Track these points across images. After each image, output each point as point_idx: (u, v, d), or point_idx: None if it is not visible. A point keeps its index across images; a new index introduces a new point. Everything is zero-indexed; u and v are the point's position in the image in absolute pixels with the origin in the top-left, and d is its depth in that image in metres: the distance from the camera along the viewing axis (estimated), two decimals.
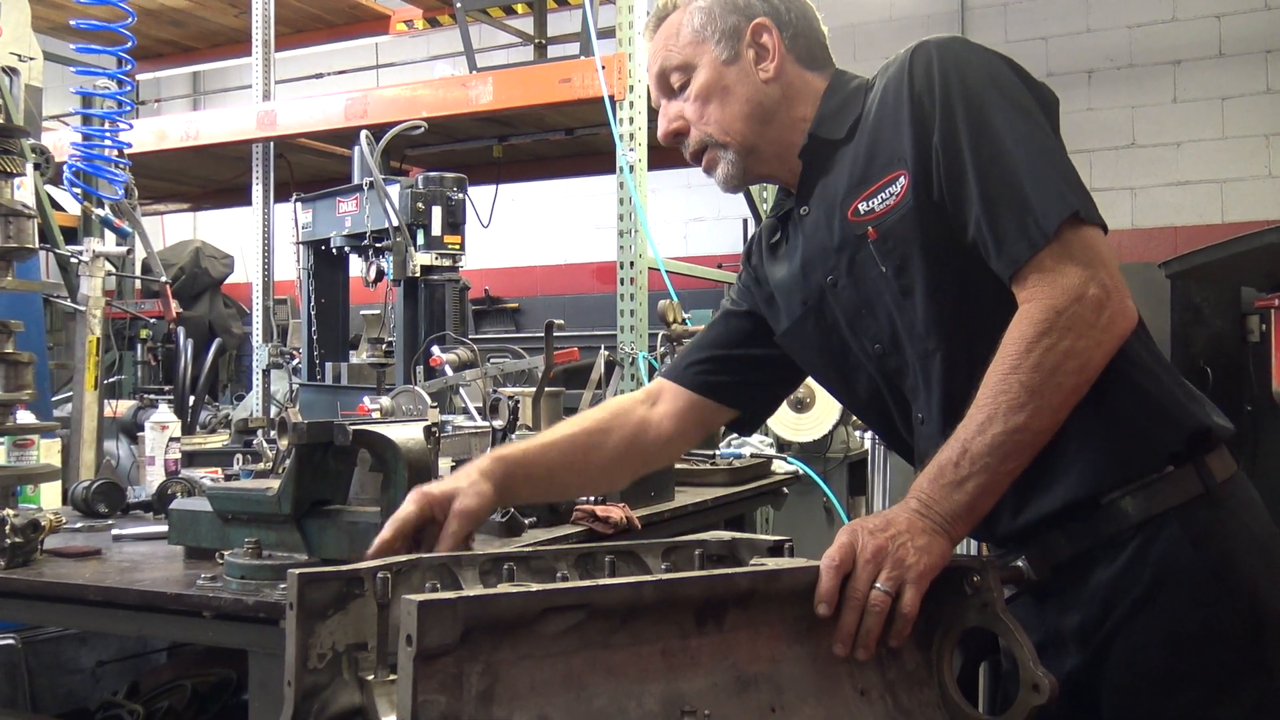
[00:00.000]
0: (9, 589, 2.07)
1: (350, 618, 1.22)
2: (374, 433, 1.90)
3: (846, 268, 1.64)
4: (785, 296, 1.79)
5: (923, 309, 1.56)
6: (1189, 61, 7.66)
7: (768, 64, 1.70)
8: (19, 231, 2.51)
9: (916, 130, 1.53)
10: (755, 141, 1.71)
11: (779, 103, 1.71)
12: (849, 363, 1.72)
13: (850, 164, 1.63)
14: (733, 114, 1.70)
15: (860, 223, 1.60)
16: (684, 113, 1.74)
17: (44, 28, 5.74)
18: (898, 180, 1.55)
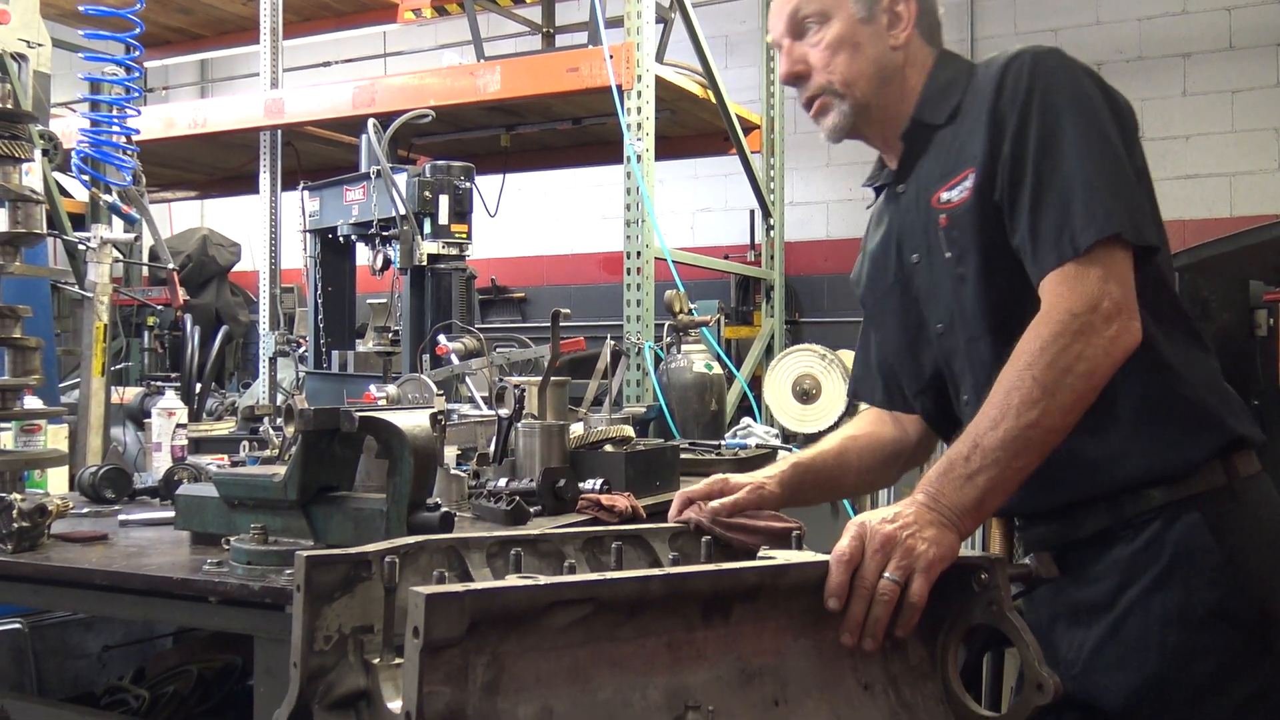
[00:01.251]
0: (16, 573, 2.08)
1: (357, 601, 1.22)
2: (380, 420, 1.90)
3: (926, 249, 1.75)
4: (874, 266, 1.89)
5: (972, 298, 1.66)
6: (1199, 54, 7.63)
7: (898, 32, 1.77)
8: (27, 217, 2.52)
9: (991, 134, 1.62)
10: (871, 100, 1.78)
11: (898, 70, 1.78)
12: (921, 338, 1.81)
13: (945, 151, 1.73)
14: (858, 70, 1.76)
15: (938, 209, 1.71)
16: (809, 57, 1.78)
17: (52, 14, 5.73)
18: (969, 177, 1.65)
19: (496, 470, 2.79)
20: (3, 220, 2.50)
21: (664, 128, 5.91)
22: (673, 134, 6.74)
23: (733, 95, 6.31)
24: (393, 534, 1.86)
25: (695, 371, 4.45)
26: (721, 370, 4.65)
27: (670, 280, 5.02)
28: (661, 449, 3.06)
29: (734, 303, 8.12)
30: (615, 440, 2.95)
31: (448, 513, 1.95)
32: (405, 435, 1.87)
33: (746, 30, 8.27)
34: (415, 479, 1.89)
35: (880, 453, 1.96)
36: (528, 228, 9.55)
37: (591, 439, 2.92)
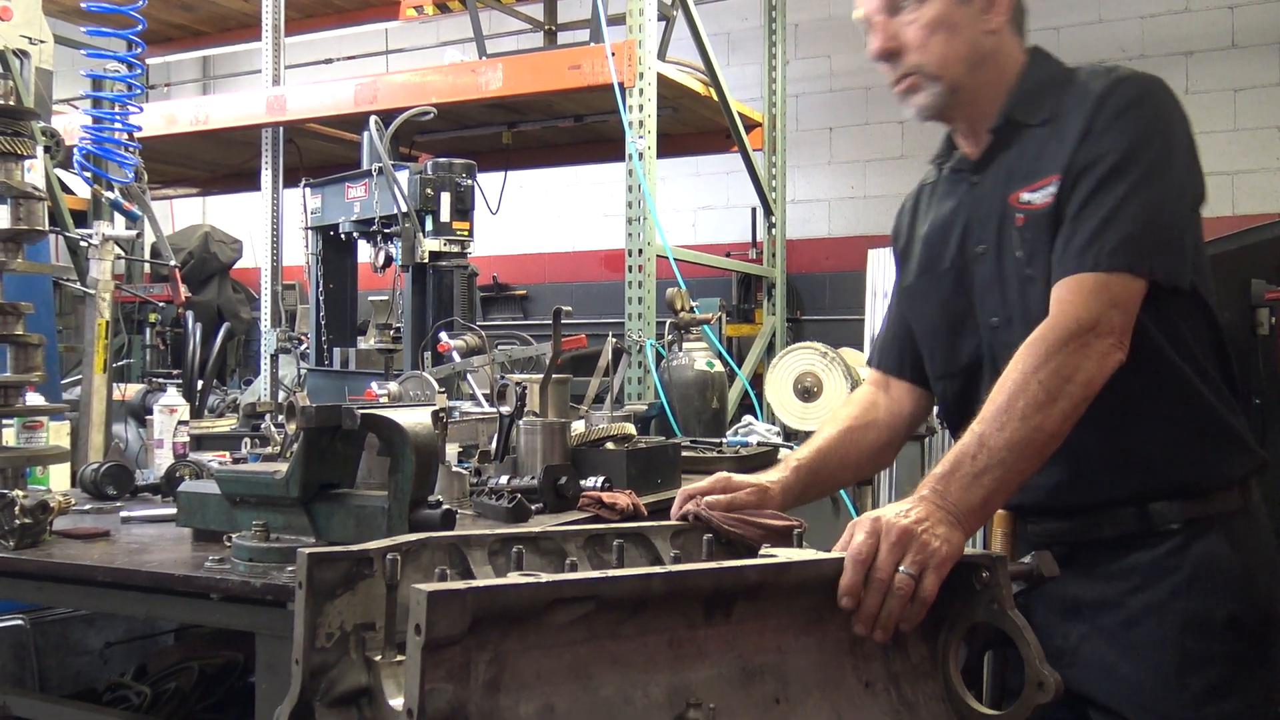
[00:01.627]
0: (18, 570, 2.08)
1: (359, 598, 1.23)
2: (382, 417, 1.91)
3: (995, 244, 1.78)
4: (929, 247, 1.91)
5: (1038, 299, 1.66)
6: (1201, 52, 7.62)
7: (993, 17, 1.78)
8: (29, 214, 2.52)
9: (1080, 147, 1.67)
10: (962, 84, 1.79)
11: (990, 55, 1.79)
12: (964, 327, 1.84)
13: (1031, 152, 1.76)
14: (954, 52, 1.77)
15: (1016, 208, 1.74)
16: (902, 35, 1.78)
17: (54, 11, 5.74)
18: (1053, 183, 1.69)
19: (498, 468, 2.79)
20: (5, 217, 2.51)
21: (666, 125, 5.90)
22: (674, 131, 6.74)
23: (735, 93, 6.30)
24: (394, 531, 1.86)
25: (696, 369, 4.45)
26: (723, 368, 4.65)
27: (672, 278, 5.02)
28: (663, 447, 3.06)
29: (735, 300, 8.12)
30: (617, 438, 2.95)
31: (449, 510, 1.95)
32: (407, 433, 1.87)
33: (748, 27, 8.26)
34: (417, 476, 1.90)
35: (877, 440, 1.99)
36: (529, 225, 9.55)
37: (593, 437, 2.92)
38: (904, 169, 8.20)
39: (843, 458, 1.95)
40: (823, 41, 8.39)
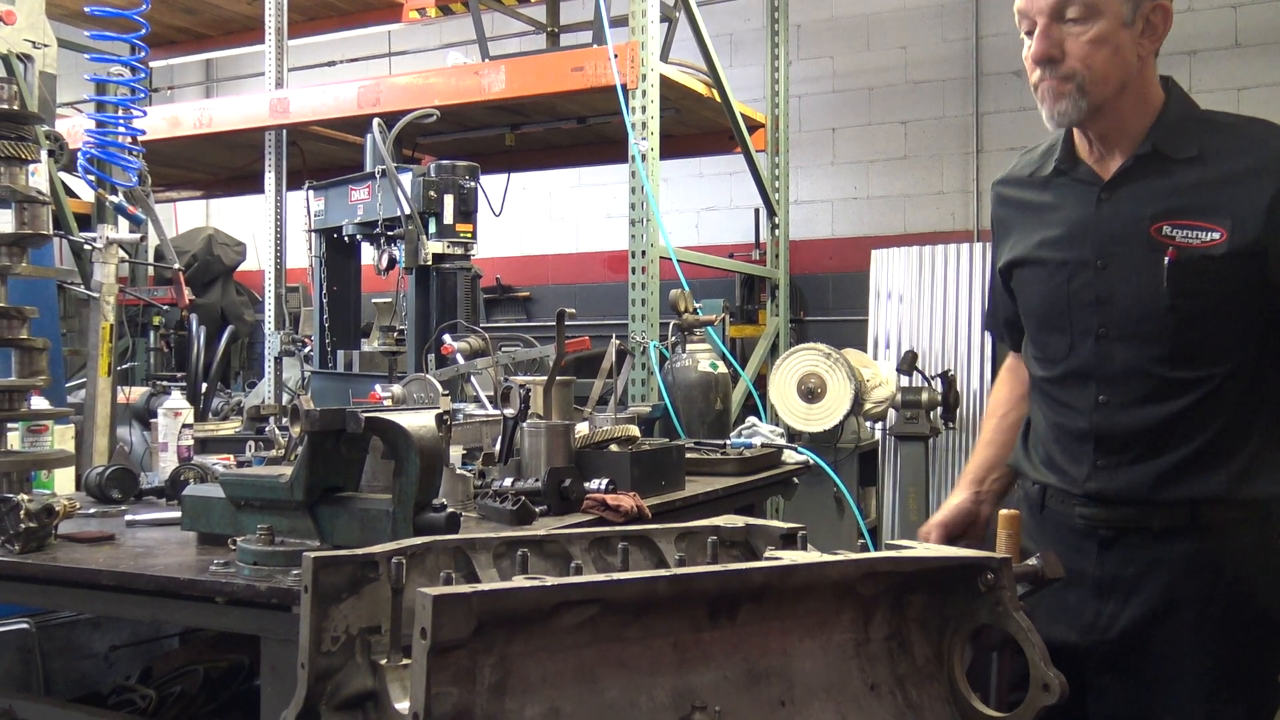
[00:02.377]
0: (23, 574, 2.09)
1: (364, 602, 1.23)
2: (386, 420, 1.91)
3: (1124, 263, 1.88)
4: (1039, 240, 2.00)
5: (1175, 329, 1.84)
6: (1204, 51, 7.61)
7: (1148, 43, 1.87)
8: (33, 218, 2.52)
9: (1273, 218, 1.78)
10: (1108, 102, 1.87)
11: (1137, 78, 1.88)
12: (1056, 319, 1.98)
13: (1176, 187, 1.86)
14: (1112, 71, 1.85)
15: (1163, 241, 1.84)
16: (1066, 44, 1.85)
17: (58, 14, 5.75)
18: (1214, 231, 1.81)
19: (502, 470, 2.79)
20: (9, 221, 2.50)
21: (669, 126, 5.90)
22: (677, 133, 6.73)
23: (737, 94, 6.30)
24: (399, 535, 1.86)
25: (700, 371, 4.44)
26: (726, 369, 4.64)
27: (675, 279, 5.01)
28: (667, 449, 3.06)
29: (739, 302, 8.11)
30: (620, 440, 2.95)
31: (454, 513, 1.95)
32: (411, 436, 1.87)
33: (751, 29, 8.26)
34: (421, 479, 1.90)
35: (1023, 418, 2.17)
36: (533, 227, 9.55)
37: (597, 439, 2.92)
38: (906, 169, 8.20)
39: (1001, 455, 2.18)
40: (825, 42, 8.39)
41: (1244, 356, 1.86)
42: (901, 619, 1.35)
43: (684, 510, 2.92)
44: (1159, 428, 1.88)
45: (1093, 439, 1.93)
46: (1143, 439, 1.89)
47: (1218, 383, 1.86)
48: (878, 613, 1.34)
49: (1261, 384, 1.88)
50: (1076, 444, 1.96)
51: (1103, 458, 1.93)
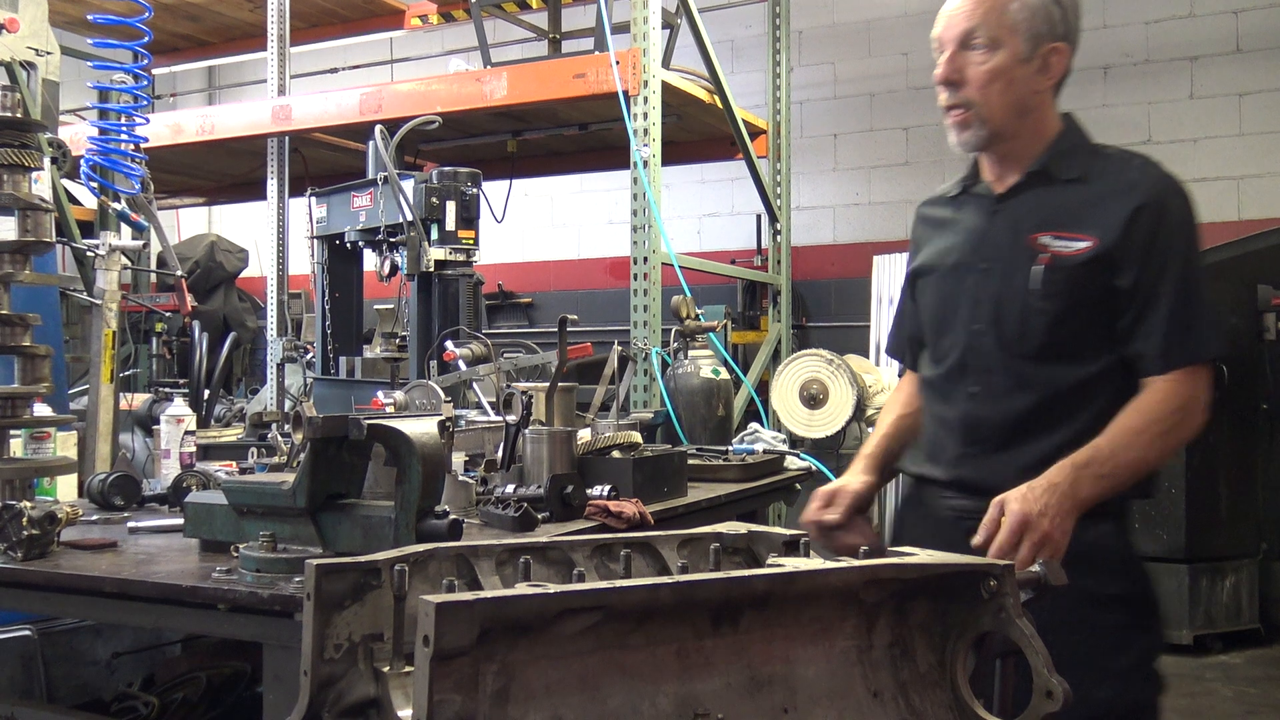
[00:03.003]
0: (26, 581, 2.09)
1: (367, 609, 1.22)
2: (389, 427, 1.91)
3: (1002, 268, 2.07)
4: (938, 250, 2.21)
5: (1042, 329, 2.02)
6: (1206, 57, 7.62)
7: (1044, 81, 2.07)
8: (36, 225, 2.53)
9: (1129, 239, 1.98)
10: (1004, 131, 2.07)
11: (1031, 113, 2.08)
12: (952, 321, 2.15)
13: (1058, 203, 2.05)
14: (1006, 102, 2.04)
15: (1036, 249, 2.03)
16: (967, 71, 2.05)
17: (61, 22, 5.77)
18: (1084, 241, 2.00)
19: (504, 476, 2.79)
20: (12, 228, 2.51)
21: (670, 133, 5.91)
22: (679, 139, 6.75)
23: (739, 100, 6.31)
24: (401, 541, 1.86)
25: (702, 377, 4.44)
26: (729, 375, 4.65)
27: (677, 285, 5.02)
28: (669, 455, 3.06)
29: (741, 308, 8.12)
30: (622, 446, 2.95)
31: (456, 520, 1.95)
32: (414, 443, 1.88)
33: (752, 35, 8.28)
34: (424, 486, 1.90)
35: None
36: (535, 233, 9.56)
37: (599, 445, 2.92)
38: (908, 175, 8.20)
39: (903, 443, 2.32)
40: (827, 48, 8.40)
41: (1107, 358, 2.01)
42: (904, 626, 1.35)
43: (686, 517, 2.92)
44: (1022, 420, 2.04)
45: (961, 428, 2.10)
46: (1006, 430, 2.05)
47: (1080, 381, 2.02)
48: (880, 619, 1.33)
49: (1123, 384, 2.01)
50: (948, 433, 2.14)
51: (969, 446, 2.10)
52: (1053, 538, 1.82)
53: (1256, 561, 6.02)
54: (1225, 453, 5.94)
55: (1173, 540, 5.81)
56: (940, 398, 2.17)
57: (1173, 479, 5.82)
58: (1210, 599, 5.84)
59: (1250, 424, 6.10)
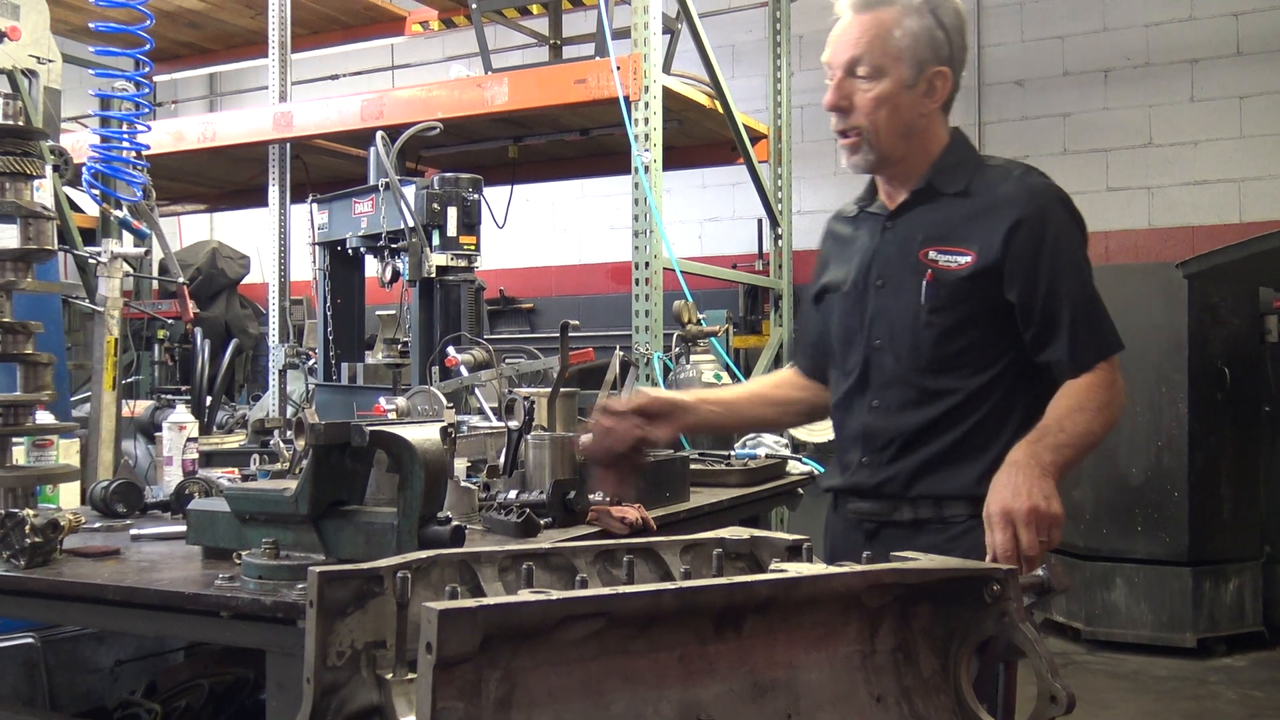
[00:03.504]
0: (29, 588, 2.09)
1: (369, 616, 1.22)
2: (390, 434, 1.91)
3: (896, 283, 2.15)
4: (841, 268, 2.28)
5: (931, 342, 2.10)
6: (1206, 60, 7.61)
7: (930, 104, 2.14)
8: (38, 233, 2.53)
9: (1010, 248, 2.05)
10: (892, 154, 2.15)
11: (919, 134, 2.15)
12: (855, 338, 2.23)
13: (943, 218, 2.13)
14: (892, 127, 2.11)
15: (924, 263, 2.11)
16: (854, 97, 2.12)
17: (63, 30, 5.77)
18: (966, 256, 2.08)
19: (506, 482, 2.79)
20: (14, 236, 2.51)
21: (671, 138, 5.91)
22: (680, 144, 6.75)
23: (740, 105, 6.31)
24: (404, 548, 1.86)
25: (704, 381, 4.44)
26: (730, 380, 4.64)
27: (678, 290, 5.02)
28: (671, 460, 3.06)
29: (742, 312, 8.11)
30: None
31: (459, 526, 1.95)
32: (416, 449, 1.87)
33: (753, 40, 8.28)
34: (426, 493, 1.90)
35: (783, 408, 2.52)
36: (536, 238, 9.56)
37: None
38: None
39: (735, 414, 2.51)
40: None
41: (994, 370, 2.10)
42: (907, 630, 1.35)
43: (689, 521, 2.92)
44: (915, 430, 2.12)
45: (862, 439, 2.20)
46: (900, 440, 2.14)
47: (970, 392, 2.10)
48: (883, 624, 1.33)
49: (1011, 395, 2.10)
50: (852, 445, 2.24)
51: (868, 455, 2.19)
52: (1040, 509, 1.85)
53: (1260, 564, 6.01)
54: (1228, 455, 5.94)
55: (1176, 543, 5.81)
56: (846, 412, 2.26)
57: (1175, 482, 5.82)
58: (1214, 602, 5.83)
59: (1252, 426, 6.10)
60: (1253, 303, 6.12)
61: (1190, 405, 5.82)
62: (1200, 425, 5.85)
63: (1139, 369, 5.72)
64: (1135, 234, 7.79)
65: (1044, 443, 1.95)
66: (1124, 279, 5.80)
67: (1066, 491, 1.98)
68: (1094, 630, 5.96)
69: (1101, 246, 7.77)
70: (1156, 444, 5.88)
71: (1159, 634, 5.81)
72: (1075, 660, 5.73)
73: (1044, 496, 1.87)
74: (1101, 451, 5.99)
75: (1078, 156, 7.88)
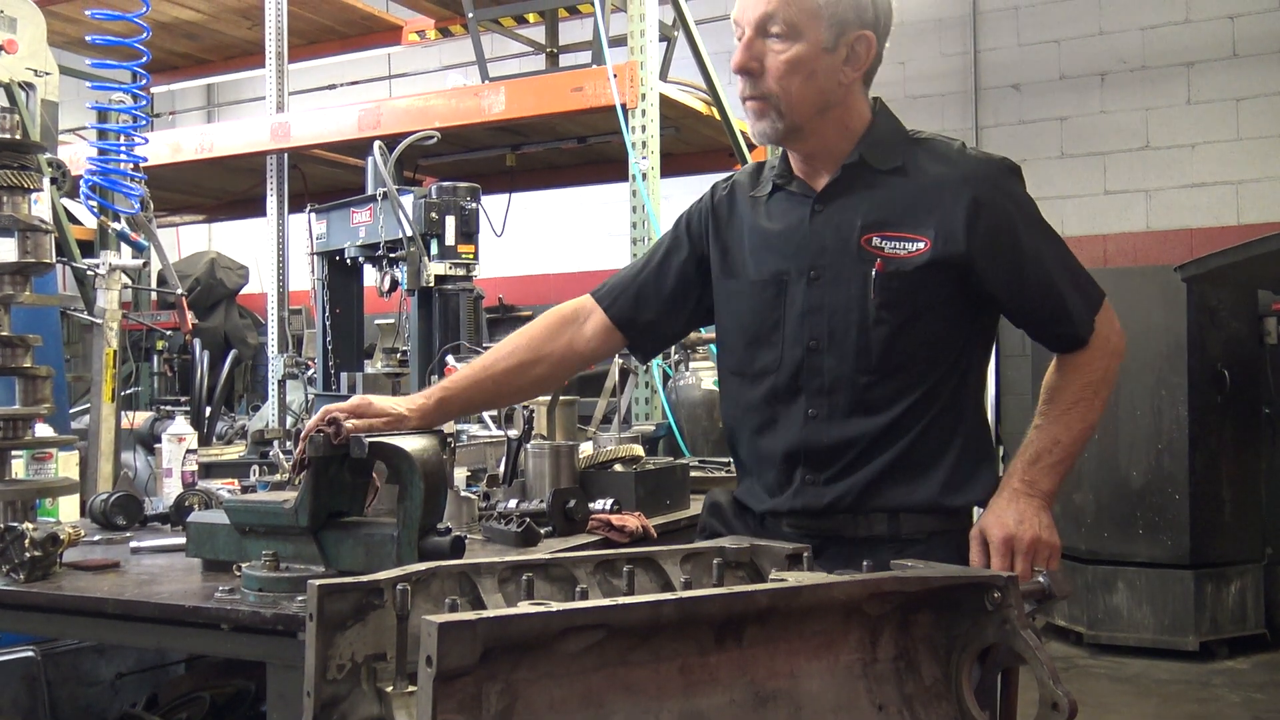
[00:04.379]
0: (28, 603, 2.08)
1: (369, 629, 1.22)
2: (390, 445, 1.91)
3: (834, 274, 1.91)
4: (752, 254, 2.01)
5: (882, 340, 1.88)
6: (1202, 63, 7.62)
7: (851, 72, 1.91)
8: (36, 246, 2.53)
9: (975, 231, 1.87)
10: (806, 125, 1.91)
11: (838, 104, 1.92)
12: (772, 336, 1.97)
13: (884, 199, 1.91)
14: (806, 95, 1.87)
15: (872, 253, 1.89)
16: (765, 59, 1.87)
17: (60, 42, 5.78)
18: (918, 242, 1.87)
19: (506, 491, 2.78)
20: (12, 250, 2.51)
21: (669, 145, 5.91)
22: (677, 151, 6.75)
23: (737, 111, 6.31)
24: (404, 559, 1.86)
25: (704, 389, 4.44)
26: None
27: None
28: (671, 467, 3.05)
29: None
30: (625, 460, 2.95)
31: (459, 537, 1.95)
32: (415, 460, 1.87)
33: None
34: (426, 503, 1.90)
35: (543, 374, 2.16)
36: (534, 246, 9.56)
37: (601, 458, 2.91)
38: None
39: (497, 391, 2.14)
40: None
41: (948, 369, 1.93)
42: (909, 639, 1.35)
43: (689, 529, 2.91)
44: (864, 440, 1.91)
45: (801, 456, 1.94)
46: (848, 452, 1.92)
47: (922, 394, 1.90)
48: (885, 633, 1.33)
49: (965, 396, 1.96)
50: (783, 464, 1.96)
51: (810, 473, 1.94)
52: (1041, 540, 1.82)
53: (1261, 566, 6.01)
54: (1228, 457, 5.94)
55: (1177, 546, 5.81)
56: (767, 422, 1.99)
57: (1176, 485, 5.81)
58: (1216, 604, 5.83)
59: (1253, 428, 6.10)
60: (1252, 305, 6.12)
61: (1190, 408, 5.81)
62: (1200, 428, 5.84)
63: (1139, 372, 5.72)
64: (1133, 237, 7.80)
65: (1041, 465, 1.88)
66: (1123, 282, 5.79)
67: (1067, 495, 1.95)
68: (1096, 634, 5.95)
69: (1100, 249, 7.78)
70: (1157, 447, 5.88)
71: (1161, 637, 5.80)
72: (1078, 664, 5.72)
73: (1046, 527, 1.84)
74: (1102, 455, 6.02)
75: (1075, 160, 7.89)
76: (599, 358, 2.26)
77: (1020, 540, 1.81)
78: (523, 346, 2.15)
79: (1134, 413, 5.83)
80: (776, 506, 1.97)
